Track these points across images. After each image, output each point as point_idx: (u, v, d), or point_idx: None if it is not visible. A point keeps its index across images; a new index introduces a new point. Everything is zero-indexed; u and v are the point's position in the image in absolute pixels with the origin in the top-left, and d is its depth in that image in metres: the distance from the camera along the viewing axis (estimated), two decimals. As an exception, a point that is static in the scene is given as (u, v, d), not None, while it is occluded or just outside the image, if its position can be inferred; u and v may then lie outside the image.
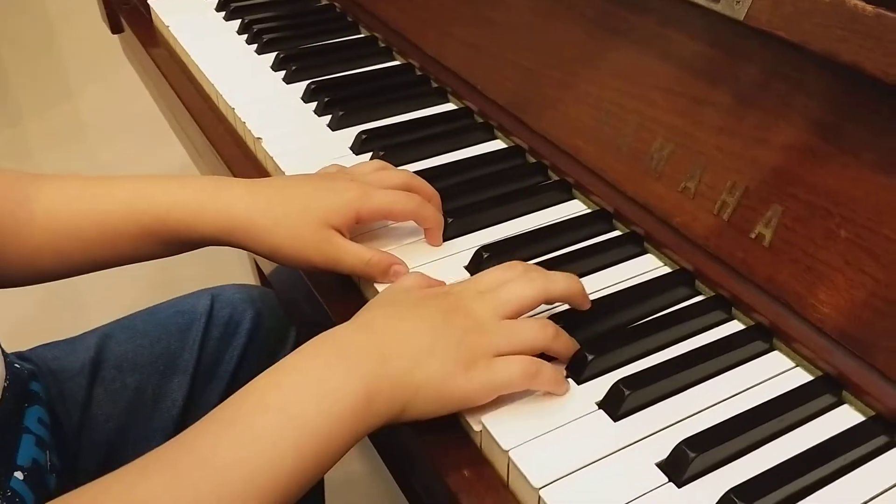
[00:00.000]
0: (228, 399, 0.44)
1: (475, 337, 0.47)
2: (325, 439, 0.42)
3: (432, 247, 0.61)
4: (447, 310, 0.48)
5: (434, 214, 0.60)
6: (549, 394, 0.48)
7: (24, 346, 0.71)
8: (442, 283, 0.55)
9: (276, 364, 0.45)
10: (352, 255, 0.56)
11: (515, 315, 0.49)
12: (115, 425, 0.70)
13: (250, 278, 1.42)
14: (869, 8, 0.45)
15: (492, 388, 0.46)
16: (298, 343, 0.77)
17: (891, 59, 0.44)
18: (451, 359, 0.46)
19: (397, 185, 0.60)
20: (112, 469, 0.68)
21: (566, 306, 0.53)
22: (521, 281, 0.50)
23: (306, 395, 0.43)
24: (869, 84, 0.46)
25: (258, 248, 0.57)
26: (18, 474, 0.54)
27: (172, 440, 0.42)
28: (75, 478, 0.65)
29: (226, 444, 0.41)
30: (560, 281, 0.51)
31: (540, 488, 0.43)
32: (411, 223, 0.61)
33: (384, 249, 0.59)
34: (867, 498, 0.43)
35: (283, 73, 0.85)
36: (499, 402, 0.47)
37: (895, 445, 0.46)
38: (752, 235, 0.53)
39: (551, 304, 0.53)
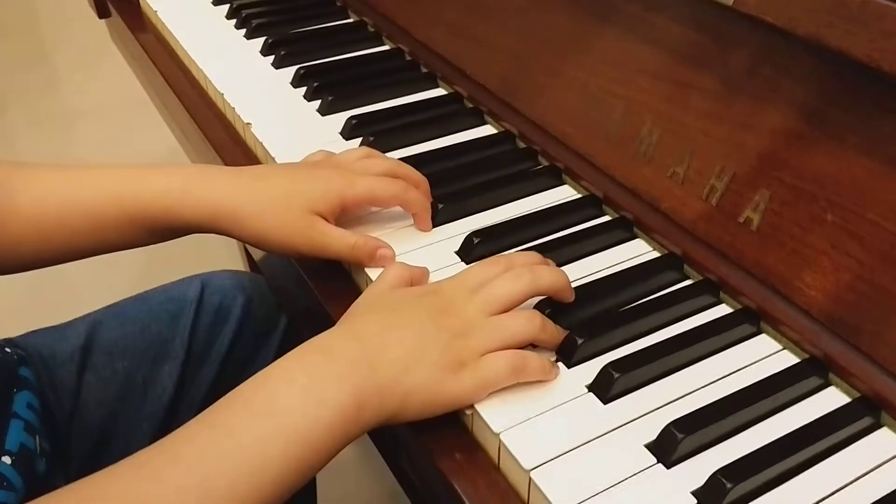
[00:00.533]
0: (216, 403, 0.44)
1: (463, 339, 0.47)
2: (312, 447, 0.43)
3: (423, 232, 0.61)
4: (436, 311, 0.48)
5: (419, 199, 0.60)
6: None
7: (13, 333, 0.70)
8: (425, 271, 0.55)
9: (264, 370, 0.45)
10: (337, 240, 0.56)
11: (503, 311, 0.49)
12: (105, 412, 0.70)
13: (240, 265, 1.41)
14: (856, -7, 0.45)
15: (481, 388, 0.47)
16: (289, 329, 0.78)
17: (876, 45, 0.45)
18: (439, 363, 0.46)
19: (383, 172, 0.60)
20: (103, 455, 0.69)
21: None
22: (508, 277, 0.50)
23: (295, 404, 0.43)
24: (855, 69, 0.47)
25: (244, 236, 0.57)
26: (6, 458, 0.54)
27: (162, 441, 0.42)
28: (66, 463, 0.65)
29: (211, 450, 0.41)
30: (546, 275, 0.51)
31: (530, 470, 0.43)
32: (401, 209, 0.61)
33: (375, 235, 0.59)
34: (853, 478, 0.44)
35: (272, 58, 0.85)
36: (489, 385, 0.47)
37: (880, 426, 0.47)
38: (741, 220, 0.54)
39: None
